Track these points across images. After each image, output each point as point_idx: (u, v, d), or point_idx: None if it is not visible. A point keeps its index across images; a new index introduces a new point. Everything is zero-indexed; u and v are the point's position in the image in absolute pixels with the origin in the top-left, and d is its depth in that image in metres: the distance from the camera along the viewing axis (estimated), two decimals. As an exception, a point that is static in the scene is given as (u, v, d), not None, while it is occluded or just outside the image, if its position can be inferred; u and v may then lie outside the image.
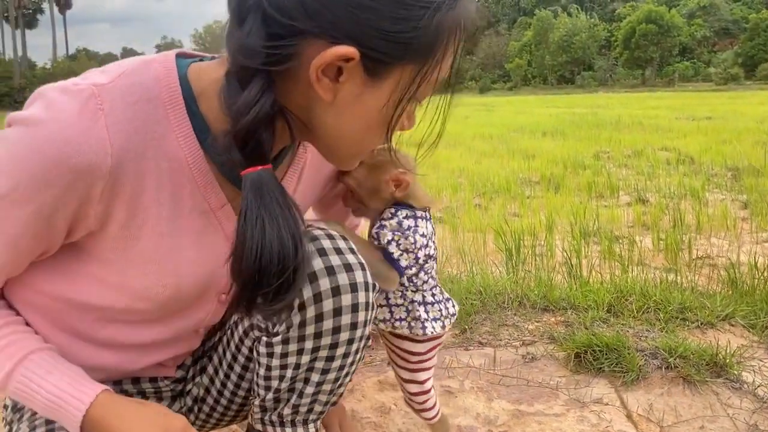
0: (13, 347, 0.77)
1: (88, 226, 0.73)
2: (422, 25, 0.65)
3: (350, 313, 0.83)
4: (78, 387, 0.76)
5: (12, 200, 0.68)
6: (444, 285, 1.18)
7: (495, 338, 1.80)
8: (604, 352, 1.51)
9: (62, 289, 0.80)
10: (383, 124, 0.72)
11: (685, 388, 1.40)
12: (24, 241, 0.72)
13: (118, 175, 0.69)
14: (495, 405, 1.35)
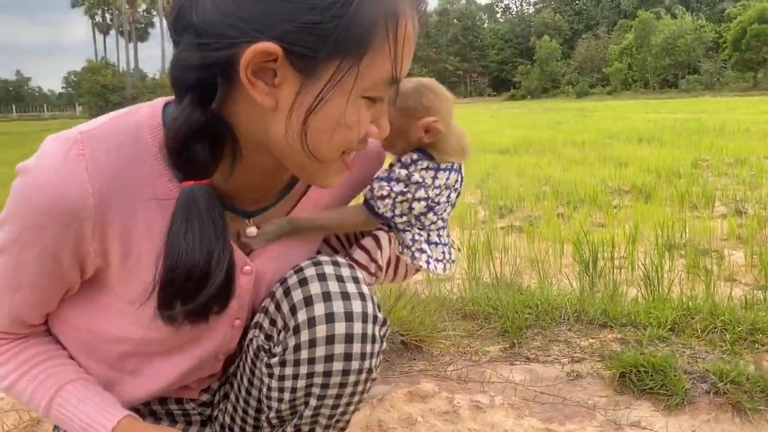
0: (53, 379, 0.87)
1: (94, 263, 0.80)
2: (342, 14, 0.64)
3: (343, 342, 0.83)
4: (104, 414, 0.85)
5: (21, 244, 0.76)
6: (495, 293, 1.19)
7: (543, 354, 1.76)
8: (650, 373, 1.44)
9: (87, 321, 0.88)
10: (338, 129, 0.72)
11: (734, 415, 1.32)
12: (43, 280, 0.80)
13: (104, 212, 0.75)
14: (524, 422, 1.33)
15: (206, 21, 0.66)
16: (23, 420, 1.64)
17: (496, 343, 1.86)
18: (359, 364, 0.84)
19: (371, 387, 0.90)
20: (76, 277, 0.82)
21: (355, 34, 0.65)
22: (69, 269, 0.79)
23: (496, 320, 1.99)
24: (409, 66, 0.75)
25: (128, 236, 0.78)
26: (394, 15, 0.67)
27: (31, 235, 0.75)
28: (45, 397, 0.85)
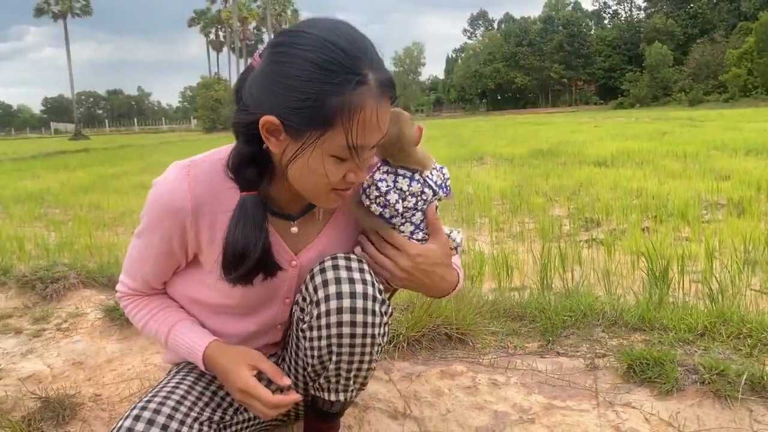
0: (170, 320, 1.33)
1: (192, 247, 1.23)
2: (315, 104, 0.99)
3: (349, 313, 1.17)
4: (200, 340, 1.29)
5: (149, 231, 1.23)
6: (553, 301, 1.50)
7: (573, 350, 2.00)
8: (651, 365, 1.67)
9: (185, 289, 1.33)
10: (315, 174, 1.08)
11: (716, 402, 1.53)
12: (161, 258, 1.26)
13: (197, 213, 1.18)
14: (532, 398, 1.60)
15: (246, 96, 1.07)
16: (144, 387, 2.10)
17: (535, 341, 2.13)
18: (362, 330, 1.19)
19: (379, 351, 1.25)
20: (183, 258, 1.26)
21: (323, 117, 1.01)
22: (177, 251, 1.23)
23: (540, 321, 2.25)
24: (377, 135, 1.07)
25: (213, 229, 1.19)
26: (353, 106, 1.01)
27: (155, 226, 1.20)
28: (165, 331, 1.30)
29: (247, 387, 1.21)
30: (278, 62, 1.03)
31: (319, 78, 0.99)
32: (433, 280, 1.29)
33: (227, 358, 1.25)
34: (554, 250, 4.08)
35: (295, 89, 1.00)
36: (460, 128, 29.17)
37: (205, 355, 1.26)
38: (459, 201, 7.60)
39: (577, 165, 10.95)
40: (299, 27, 1.06)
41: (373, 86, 1.01)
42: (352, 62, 1.00)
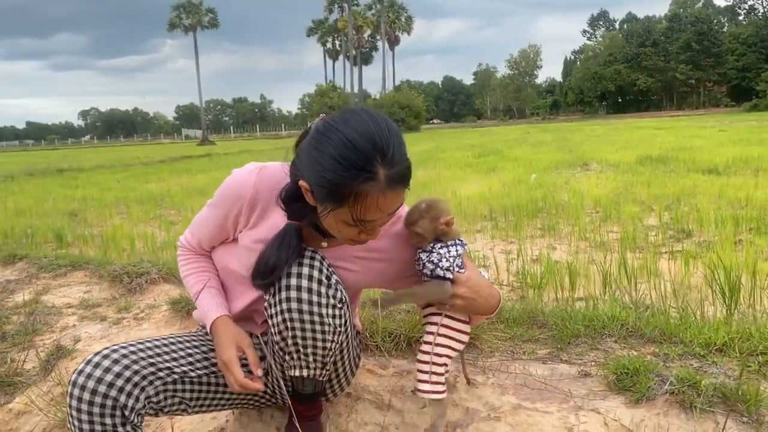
0: (204, 281, 1.67)
1: (240, 229, 1.58)
2: (332, 187, 1.28)
3: (296, 291, 1.44)
4: (216, 309, 1.61)
5: (215, 205, 1.59)
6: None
7: (577, 358, 2.07)
8: (629, 375, 1.73)
9: (223, 257, 1.67)
10: (334, 228, 1.39)
11: (682, 412, 1.57)
12: (215, 228, 1.62)
13: (253, 203, 1.52)
14: (504, 398, 1.71)
15: (297, 155, 1.41)
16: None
17: (547, 348, 2.21)
18: (308, 307, 1.44)
19: (334, 332, 1.47)
20: (231, 233, 1.61)
21: (336, 197, 1.30)
22: (229, 227, 1.59)
23: (556, 329, 2.32)
24: (379, 215, 1.34)
25: (259, 219, 1.54)
26: (359, 194, 1.27)
27: (220, 203, 1.57)
28: (198, 288, 1.65)
29: (229, 362, 1.51)
30: (314, 147, 1.31)
31: (337, 170, 1.26)
32: (485, 298, 1.58)
33: (225, 333, 1.56)
34: (625, 260, 4.03)
35: (319, 173, 1.29)
36: (573, 132, 28.37)
37: (214, 323, 1.58)
38: (547, 208, 7.55)
39: (684, 173, 10.46)
40: (335, 121, 1.32)
41: (381, 181, 1.26)
42: (365, 161, 1.25)
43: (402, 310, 2.27)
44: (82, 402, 1.38)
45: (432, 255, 1.54)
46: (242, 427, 1.83)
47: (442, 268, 1.53)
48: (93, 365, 1.40)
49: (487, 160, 15.23)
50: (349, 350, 1.66)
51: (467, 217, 7.21)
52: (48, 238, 5.81)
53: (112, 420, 1.40)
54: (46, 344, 2.78)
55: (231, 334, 1.56)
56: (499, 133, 34.12)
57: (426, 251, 1.55)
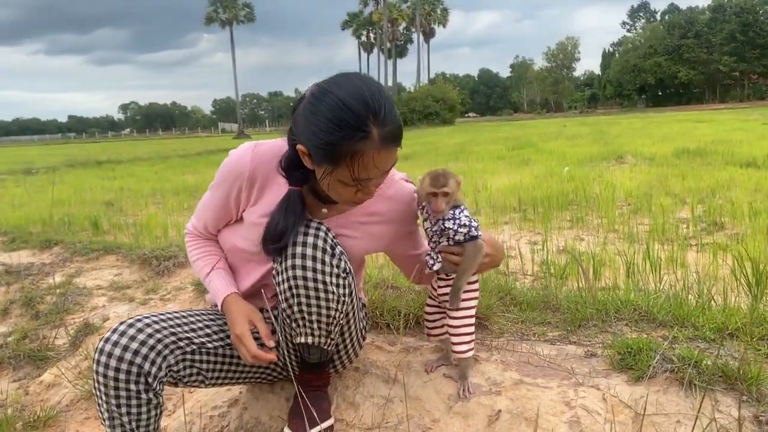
0: (212, 263, 1.73)
1: (243, 206, 1.63)
2: (329, 148, 1.34)
3: (301, 258, 1.51)
4: (226, 288, 1.68)
5: (216, 186, 1.64)
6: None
7: (586, 339, 2.09)
8: (632, 354, 1.74)
9: (230, 237, 1.71)
10: (333, 190, 1.45)
11: (681, 389, 1.58)
12: (219, 209, 1.67)
13: (253, 178, 1.58)
14: (506, 374, 1.74)
15: (294, 121, 1.47)
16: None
17: (558, 330, 2.22)
18: (312, 274, 1.51)
19: (338, 301, 1.54)
20: (235, 213, 1.66)
21: (333, 158, 1.35)
22: (232, 206, 1.64)
23: (569, 313, 2.33)
24: (376, 173, 1.40)
25: (260, 194, 1.60)
26: (356, 153, 1.35)
27: (221, 183, 1.61)
28: (207, 270, 1.71)
29: (242, 335, 1.58)
30: (310, 111, 1.38)
31: (333, 131, 1.33)
32: (501, 251, 1.77)
33: (236, 309, 1.63)
34: (650, 250, 3.99)
35: (316, 135, 1.35)
36: (610, 126, 27.92)
37: (225, 300, 1.65)
38: (578, 200, 7.50)
39: (722, 166, 10.24)
40: (329, 85, 1.39)
41: (375, 139, 1.34)
42: (358, 121, 1.32)
43: (412, 290, 2.31)
44: (108, 368, 1.44)
45: (459, 219, 1.64)
46: (255, 398, 1.90)
47: (475, 227, 1.65)
48: (119, 333, 1.47)
49: (521, 152, 15.11)
50: (356, 322, 1.71)
51: (496, 208, 7.20)
52: (84, 226, 6.00)
53: (136, 387, 1.46)
54: (75, 322, 2.90)
55: (242, 310, 1.63)
56: (534, 127, 33.77)
57: (448, 219, 1.64)
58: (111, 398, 1.46)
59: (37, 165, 19.74)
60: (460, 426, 1.62)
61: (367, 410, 1.74)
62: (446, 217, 1.65)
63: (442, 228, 1.65)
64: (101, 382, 1.46)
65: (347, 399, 1.82)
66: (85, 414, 2.27)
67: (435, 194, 1.61)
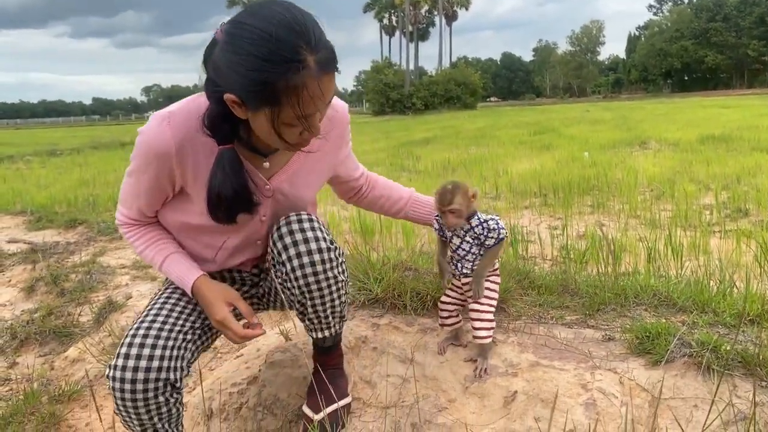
0: (165, 250, 1.60)
1: (180, 183, 1.48)
2: (263, 88, 1.19)
3: (311, 266, 1.49)
4: (190, 273, 1.57)
5: (140, 172, 1.46)
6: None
7: (604, 323, 2.08)
8: (651, 338, 1.73)
9: (176, 216, 1.58)
10: (275, 136, 1.30)
11: (699, 374, 1.57)
12: (152, 192, 1.50)
13: (181, 154, 1.40)
14: (522, 356, 1.75)
15: (211, 69, 1.28)
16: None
17: (576, 314, 2.22)
18: (324, 275, 1.51)
19: (344, 287, 1.56)
20: (170, 191, 1.50)
21: (272, 98, 1.22)
22: (166, 186, 1.48)
23: (588, 297, 2.32)
24: (322, 103, 1.28)
25: (196, 168, 1.43)
26: (296, 86, 1.21)
27: (144, 167, 1.44)
28: (159, 260, 1.58)
29: (224, 320, 1.52)
30: (231, 52, 1.21)
31: (263, 68, 1.18)
32: None
33: (211, 293, 1.54)
34: (672, 236, 3.96)
35: (246, 77, 1.19)
36: (634, 111, 27.53)
37: (194, 285, 1.55)
38: (600, 186, 7.44)
39: (747, 152, 10.08)
40: (243, 18, 1.22)
41: (312, 67, 1.20)
42: (290, 51, 1.17)
43: (430, 272, 2.32)
44: (136, 393, 1.41)
45: (487, 223, 1.71)
46: (274, 376, 1.93)
47: (502, 228, 1.72)
48: (133, 358, 1.41)
49: (542, 137, 14.99)
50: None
51: (516, 193, 7.17)
52: (108, 207, 6.09)
53: (163, 397, 1.45)
54: (100, 300, 2.96)
55: (216, 293, 1.55)
56: (557, 111, 33.42)
57: (476, 225, 1.71)
58: (142, 415, 1.44)
59: (61, 146, 20.02)
60: (476, 406, 1.63)
61: (384, 389, 1.76)
62: (473, 224, 1.72)
63: (477, 234, 1.72)
64: (129, 407, 1.42)
65: (364, 378, 1.84)
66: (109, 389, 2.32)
67: (443, 212, 1.68)
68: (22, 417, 2.22)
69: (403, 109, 47.94)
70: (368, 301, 2.19)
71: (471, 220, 1.72)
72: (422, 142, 16.34)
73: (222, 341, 2.51)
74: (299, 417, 1.75)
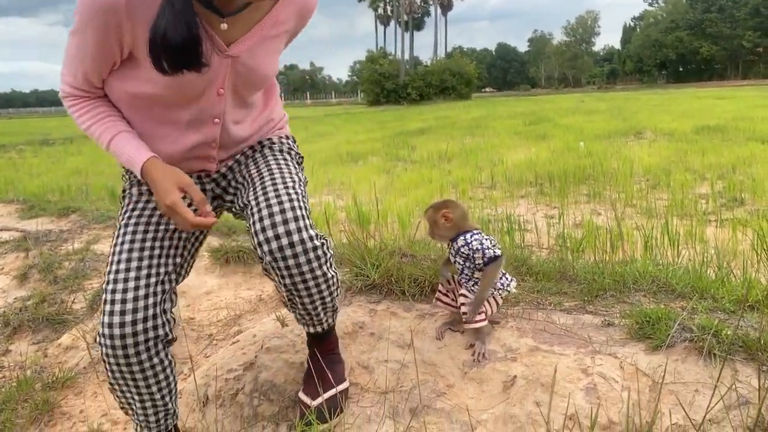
0: (113, 128, 1.46)
1: (128, 44, 1.33)
2: None
3: (293, 258, 1.42)
4: (140, 153, 1.44)
5: (84, 28, 1.31)
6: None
7: (603, 309, 2.06)
8: (651, 323, 1.72)
9: (124, 85, 1.43)
10: None
11: (700, 358, 1.55)
12: (98, 54, 1.35)
13: (132, 10, 1.26)
14: (521, 341, 1.73)
15: None
16: (230, 315, 2.47)
17: (574, 300, 2.20)
18: (311, 275, 1.45)
19: (333, 277, 1.50)
20: (118, 53, 1.36)
21: None
22: (113, 45, 1.33)
23: (586, 284, 2.31)
24: None
25: (147, 25, 1.27)
26: None
27: (88, 23, 1.29)
28: (107, 138, 1.45)
29: (174, 204, 1.40)
30: None
31: None
32: None
33: (161, 175, 1.42)
34: (669, 224, 3.95)
35: None
36: (629, 101, 27.52)
37: (144, 167, 1.43)
38: (595, 175, 7.44)
39: (743, 142, 10.11)
40: None
41: None
42: None
43: (428, 258, 2.30)
44: (124, 359, 1.41)
45: (471, 243, 1.74)
46: (270, 362, 1.91)
47: (491, 248, 1.74)
48: (118, 326, 1.39)
49: (537, 128, 14.97)
50: None
51: (512, 183, 7.17)
52: (101, 195, 6.04)
53: (156, 352, 1.44)
54: (93, 287, 2.93)
55: (168, 176, 1.43)
56: (552, 102, 33.37)
57: (462, 245, 1.74)
58: (137, 376, 1.43)
59: (54, 136, 19.89)
60: (475, 391, 1.62)
61: (382, 374, 1.74)
62: (459, 244, 1.75)
63: (464, 254, 1.75)
64: (125, 370, 1.42)
65: (362, 363, 1.82)
66: (103, 376, 2.29)
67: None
68: (15, 404, 2.19)
69: (398, 99, 47.76)
70: (365, 287, 2.17)
71: (457, 239, 1.75)
72: (417, 132, 16.30)
73: (217, 329, 2.49)
74: (296, 403, 1.73)
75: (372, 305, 2.06)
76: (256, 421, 1.75)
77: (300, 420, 1.58)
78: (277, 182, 1.52)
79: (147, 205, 1.56)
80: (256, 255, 1.47)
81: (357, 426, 1.57)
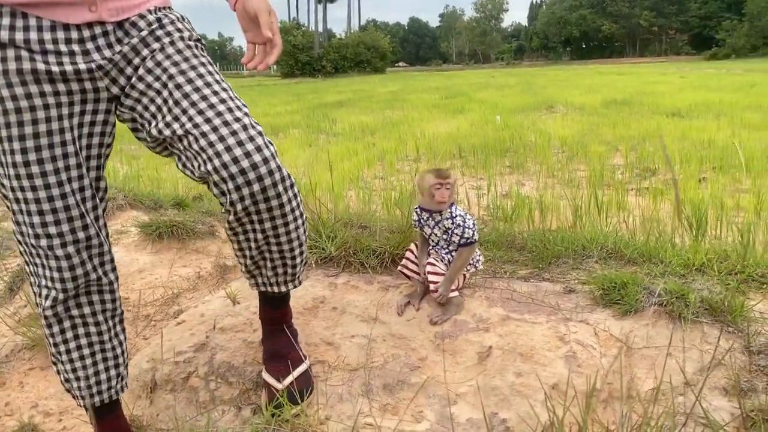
0: None
1: None
2: None
3: (264, 201, 1.23)
4: None
5: None
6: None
7: (559, 276, 2.07)
8: (617, 288, 1.73)
9: None
10: None
11: (670, 322, 1.58)
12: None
13: None
14: (492, 311, 1.70)
15: None
16: (167, 294, 2.32)
17: (528, 268, 2.20)
18: (283, 187, 1.25)
19: (304, 225, 1.36)
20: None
21: None
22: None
23: (537, 251, 2.31)
24: None
25: None
26: None
27: None
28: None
29: None
30: None
31: None
32: None
33: None
34: (597, 193, 4.06)
35: None
36: (537, 77, 28.36)
37: None
38: (515, 147, 7.59)
39: (649, 115, 10.63)
40: None
41: None
42: None
43: (386, 229, 2.22)
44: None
45: (456, 218, 1.74)
46: (225, 341, 1.78)
47: (470, 228, 1.75)
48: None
49: (454, 101, 15.15)
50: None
51: (437, 155, 7.19)
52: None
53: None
54: (10, 267, 2.66)
55: None
56: (464, 77, 33.90)
57: (447, 218, 1.73)
58: (91, 326, 1.35)
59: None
60: (449, 363, 1.57)
61: (349, 350, 1.66)
62: (444, 216, 1.73)
63: (445, 227, 1.74)
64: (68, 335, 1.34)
65: (326, 339, 1.72)
66: (29, 364, 2.09)
67: (440, 185, 1.69)
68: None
69: (312, 71, 47.10)
70: (321, 260, 2.07)
71: (445, 211, 1.73)
72: (336, 105, 16.10)
73: (154, 309, 2.33)
74: (259, 385, 1.62)
75: (331, 279, 1.96)
76: (214, 405, 1.63)
77: (270, 402, 1.47)
78: (216, 105, 1.23)
79: None
80: (224, 206, 1.24)
81: (330, 406, 1.48)
